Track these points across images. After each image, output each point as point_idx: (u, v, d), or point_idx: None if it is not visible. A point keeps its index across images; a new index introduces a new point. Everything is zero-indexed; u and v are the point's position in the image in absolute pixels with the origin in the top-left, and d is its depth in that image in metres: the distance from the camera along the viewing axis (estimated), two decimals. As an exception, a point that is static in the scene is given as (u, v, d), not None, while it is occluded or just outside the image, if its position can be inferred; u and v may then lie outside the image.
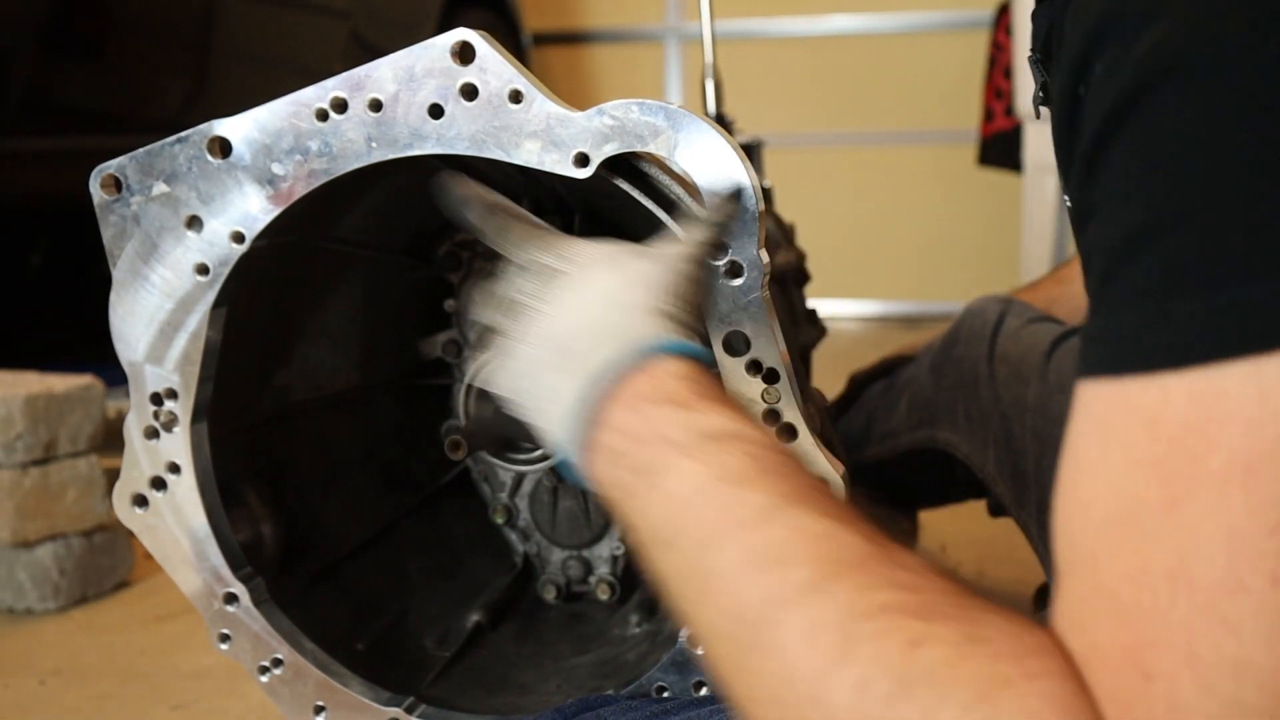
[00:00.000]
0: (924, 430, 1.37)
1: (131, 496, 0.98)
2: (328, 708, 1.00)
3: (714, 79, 1.62)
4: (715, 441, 0.59)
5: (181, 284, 0.92)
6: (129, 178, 0.91)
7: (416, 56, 0.84)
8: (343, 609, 1.09)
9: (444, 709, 1.01)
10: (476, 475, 1.23)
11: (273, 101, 0.88)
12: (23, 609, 1.66)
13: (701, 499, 0.57)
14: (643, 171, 0.88)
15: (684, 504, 0.58)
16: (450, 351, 1.17)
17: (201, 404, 0.95)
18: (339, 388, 1.17)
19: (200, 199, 0.90)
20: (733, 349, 0.84)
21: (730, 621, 0.53)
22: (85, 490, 1.69)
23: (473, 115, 0.84)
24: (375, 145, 0.86)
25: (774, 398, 0.84)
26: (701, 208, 0.78)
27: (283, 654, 1.00)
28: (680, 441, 0.59)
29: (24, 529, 1.62)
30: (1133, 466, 0.45)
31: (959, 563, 1.75)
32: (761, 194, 0.83)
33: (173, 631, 1.58)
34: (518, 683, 1.07)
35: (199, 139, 0.89)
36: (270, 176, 0.88)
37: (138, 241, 0.92)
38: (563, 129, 0.83)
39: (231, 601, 0.99)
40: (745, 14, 4.98)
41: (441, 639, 1.13)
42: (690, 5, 5.14)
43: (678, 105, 0.82)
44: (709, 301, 0.78)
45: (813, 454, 0.85)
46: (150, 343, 0.93)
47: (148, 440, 0.96)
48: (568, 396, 0.65)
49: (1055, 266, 1.50)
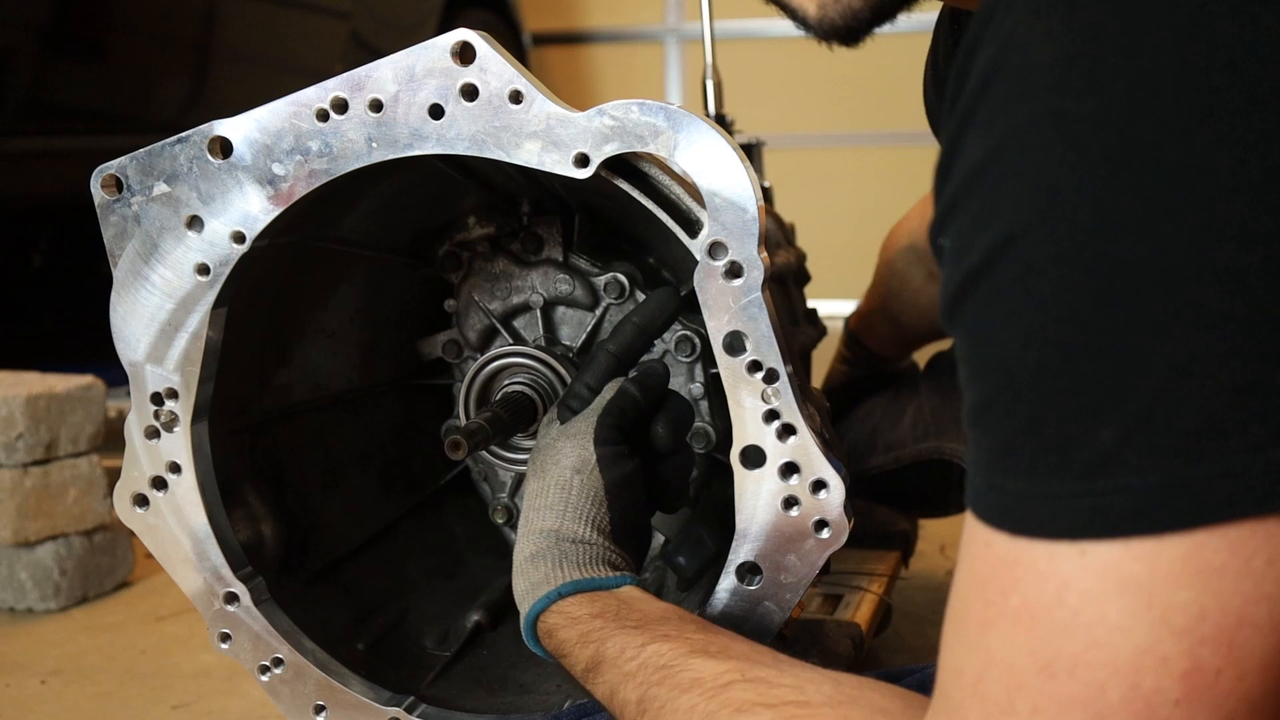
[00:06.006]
0: (930, 440, 1.37)
1: (132, 496, 0.98)
2: (328, 707, 1.00)
3: (714, 79, 1.62)
4: (591, 673, 0.79)
5: (182, 284, 0.92)
6: (130, 178, 0.91)
7: (417, 57, 0.84)
8: (343, 609, 1.10)
9: (444, 709, 1.01)
10: (476, 475, 1.23)
11: (273, 102, 0.88)
12: (24, 608, 1.66)
13: (612, 712, 0.78)
14: (643, 172, 0.88)
15: (608, 710, 0.79)
16: (450, 351, 1.17)
17: (202, 404, 0.95)
18: (339, 388, 1.17)
19: (201, 199, 0.90)
20: (733, 349, 0.84)
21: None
22: (86, 490, 1.70)
23: (473, 115, 0.84)
24: (375, 145, 0.86)
25: (774, 397, 0.84)
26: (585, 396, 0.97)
27: (283, 653, 1.00)
28: (578, 679, 0.82)
29: (25, 529, 1.62)
30: (969, 577, 0.55)
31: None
32: (761, 194, 0.83)
33: (173, 631, 1.58)
34: (518, 682, 1.07)
35: (200, 139, 0.89)
36: (271, 177, 0.89)
37: (138, 241, 0.92)
38: (563, 129, 0.83)
39: (232, 601, 0.99)
40: (745, 14, 4.97)
41: (441, 639, 1.13)
42: (690, 5, 5.14)
43: (678, 106, 0.83)
44: (624, 483, 0.92)
45: (813, 453, 0.85)
46: (151, 343, 0.93)
47: (148, 440, 0.96)
48: (524, 630, 0.88)
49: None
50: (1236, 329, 0.48)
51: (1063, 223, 0.50)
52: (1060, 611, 0.51)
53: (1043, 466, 0.51)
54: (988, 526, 0.54)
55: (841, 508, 0.86)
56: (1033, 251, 0.51)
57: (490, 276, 1.13)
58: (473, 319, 1.15)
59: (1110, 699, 0.50)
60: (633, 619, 0.80)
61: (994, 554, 0.54)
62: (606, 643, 0.79)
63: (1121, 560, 0.50)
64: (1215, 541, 0.49)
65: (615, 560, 0.88)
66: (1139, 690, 0.49)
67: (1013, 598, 0.52)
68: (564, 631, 0.83)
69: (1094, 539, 0.50)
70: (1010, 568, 0.53)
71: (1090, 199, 0.50)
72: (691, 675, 0.71)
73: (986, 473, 0.54)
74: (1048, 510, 0.51)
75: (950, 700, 0.55)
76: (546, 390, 1.07)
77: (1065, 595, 0.51)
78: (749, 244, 0.82)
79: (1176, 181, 0.48)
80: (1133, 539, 0.49)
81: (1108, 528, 0.50)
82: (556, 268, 1.11)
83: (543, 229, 1.11)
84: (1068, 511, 0.51)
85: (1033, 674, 0.51)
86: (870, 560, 1.33)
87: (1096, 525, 0.50)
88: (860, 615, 1.18)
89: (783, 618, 0.89)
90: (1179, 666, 0.49)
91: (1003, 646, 0.53)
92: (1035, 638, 0.51)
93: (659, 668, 0.74)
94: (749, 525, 0.87)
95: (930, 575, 1.70)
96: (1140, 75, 0.49)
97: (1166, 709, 0.49)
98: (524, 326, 1.14)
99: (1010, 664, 0.52)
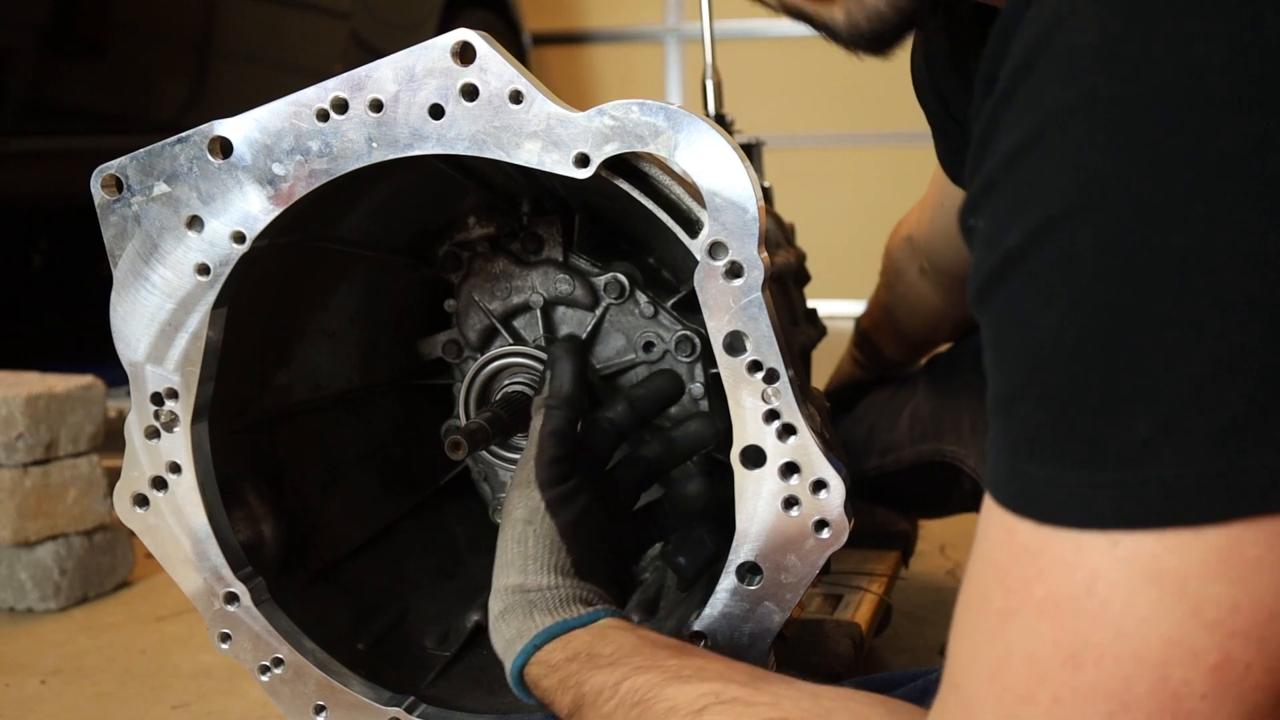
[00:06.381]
0: (929, 442, 1.37)
1: (132, 496, 0.98)
2: (328, 707, 1.00)
3: (714, 79, 1.62)
4: (577, 718, 0.78)
5: (182, 284, 0.92)
6: (130, 178, 0.91)
7: (417, 57, 0.84)
8: (343, 609, 1.10)
9: (444, 709, 1.01)
10: (476, 475, 1.23)
11: (273, 102, 0.88)
12: (24, 609, 1.66)
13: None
14: (643, 172, 0.88)
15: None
16: (450, 351, 1.17)
17: (202, 404, 0.95)
18: (339, 388, 1.17)
19: (201, 199, 0.90)
20: (733, 349, 0.84)
21: None
22: (86, 490, 1.70)
23: (473, 115, 0.84)
24: (376, 145, 0.86)
25: (774, 397, 0.84)
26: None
27: (283, 654, 1.00)
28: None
29: (25, 529, 1.62)
30: (988, 565, 0.54)
31: (958, 563, 1.75)
32: (762, 194, 0.83)
33: (173, 631, 1.58)
34: (518, 682, 1.07)
35: (200, 139, 0.89)
36: (271, 177, 0.89)
37: (139, 242, 0.92)
38: (563, 129, 0.83)
39: (232, 601, 0.99)
40: (745, 14, 4.97)
41: (441, 639, 1.13)
42: (690, 5, 5.14)
43: (678, 106, 0.83)
44: (583, 516, 0.91)
45: (813, 453, 0.85)
46: (151, 343, 0.93)
47: (148, 440, 0.96)
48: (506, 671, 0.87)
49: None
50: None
51: (1105, 208, 0.49)
52: (1088, 602, 0.50)
53: (1074, 455, 0.51)
54: (1011, 514, 0.53)
55: (842, 508, 0.86)
56: (1072, 236, 0.50)
57: (490, 276, 1.13)
58: (473, 319, 1.15)
59: (1136, 691, 0.49)
60: (606, 657, 0.79)
61: (1017, 542, 0.53)
62: (584, 686, 0.78)
63: (1154, 552, 0.49)
64: (1251, 535, 0.48)
65: (586, 596, 0.87)
66: (1167, 682, 0.49)
67: (1037, 587, 0.52)
68: (545, 681, 0.82)
69: (1126, 529, 0.49)
70: (1035, 556, 0.52)
71: (1134, 185, 0.49)
72: (667, 705, 0.71)
73: (1010, 459, 0.53)
74: (1078, 499, 0.51)
75: (963, 690, 0.55)
76: (546, 390, 1.07)
77: (1094, 585, 0.50)
78: (749, 244, 0.82)
79: (1222, 170, 0.48)
80: (1167, 530, 0.49)
81: (1141, 519, 0.49)
82: (556, 268, 1.11)
83: (543, 229, 1.11)
84: (1099, 501, 0.50)
85: (1057, 664, 0.51)
86: (870, 560, 1.33)
87: (1129, 516, 0.49)
88: (860, 615, 1.18)
89: (783, 618, 0.89)
90: (1209, 660, 0.49)
91: (1025, 636, 0.52)
92: (1060, 628, 0.51)
93: (634, 704, 0.73)
94: (749, 525, 0.87)
95: (930, 575, 1.70)
96: (1188, 60, 0.48)
97: (1193, 702, 0.49)
98: (524, 326, 1.14)
99: (1032, 654, 0.52)
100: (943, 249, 1.37)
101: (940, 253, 1.38)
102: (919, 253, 1.45)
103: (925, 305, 1.48)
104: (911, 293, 1.49)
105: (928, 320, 1.51)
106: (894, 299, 1.53)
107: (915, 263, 1.47)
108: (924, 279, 1.46)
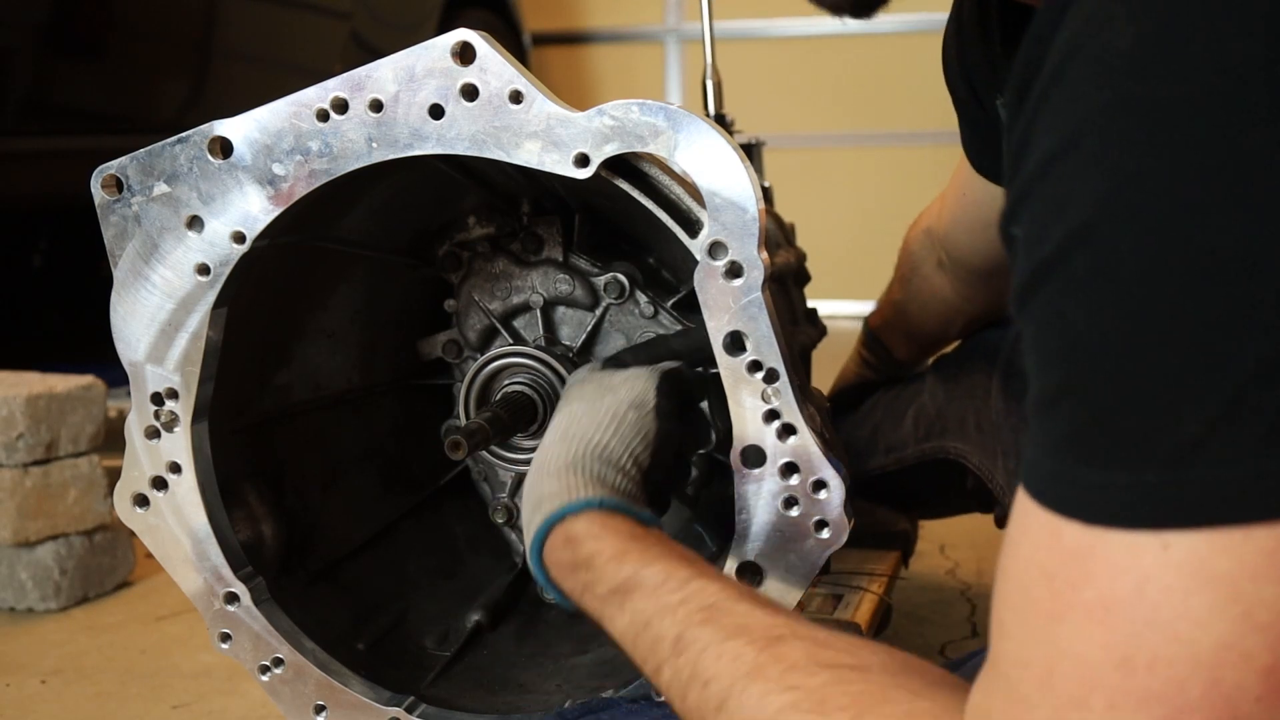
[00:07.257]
0: (933, 441, 1.37)
1: (132, 496, 0.98)
2: (328, 707, 1.00)
3: (714, 79, 1.62)
4: (618, 596, 0.74)
5: (182, 284, 0.92)
6: (130, 178, 0.91)
7: (417, 57, 0.84)
8: (343, 609, 1.10)
9: (444, 709, 1.01)
10: (476, 475, 1.23)
11: (273, 102, 0.88)
12: (24, 608, 1.66)
13: (629, 644, 0.73)
14: (643, 172, 0.88)
15: (622, 642, 0.74)
16: (450, 351, 1.17)
17: (202, 404, 0.95)
18: (339, 388, 1.17)
19: (201, 199, 0.90)
20: (733, 349, 0.84)
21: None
22: (86, 490, 1.69)
23: (473, 115, 0.84)
24: (376, 145, 0.86)
25: (774, 397, 0.84)
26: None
27: (283, 653, 1.00)
28: (594, 601, 0.76)
29: (25, 529, 1.62)
30: (1033, 567, 0.53)
31: (957, 563, 1.75)
32: (761, 194, 0.83)
33: (173, 631, 1.58)
34: (518, 682, 1.08)
35: (200, 139, 0.89)
36: (271, 177, 0.89)
37: (139, 242, 0.92)
38: (563, 129, 0.83)
39: (232, 601, 0.99)
40: (745, 14, 4.98)
41: (441, 639, 1.13)
42: (690, 5, 5.14)
43: (678, 106, 0.83)
44: (668, 438, 0.89)
45: (813, 453, 0.85)
46: (151, 343, 0.93)
47: (148, 440, 0.96)
48: (529, 538, 0.83)
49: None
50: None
51: (1145, 211, 0.49)
52: (1140, 605, 0.50)
53: (1121, 456, 0.50)
54: (1056, 515, 0.52)
55: (841, 508, 0.86)
56: (1113, 240, 0.50)
57: (490, 276, 1.13)
58: (473, 319, 1.15)
59: (1190, 695, 0.49)
60: (678, 554, 0.74)
61: (1063, 544, 0.52)
62: (649, 566, 0.73)
63: (1206, 553, 0.49)
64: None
65: (645, 508, 0.83)
66: (1220, 686, 0.49)
67: (1086, 590, 0.51)
68: (595, 542, 0.77)
69: (1177, 529, 0.49)
70: (1082, 559, 0.51)
71: (1173, 187, 0.49)
72: (739, 621, 0.67)
73: (1055, 461, 0.53)
74: (1127, 500, 0.50)
75: (1018, 693, 0.54)
76: (546, 390, 1.07)
77: (1145, 588, 0.50)
78: (749, 244, 0.82)
79: (1262, 170, 0.48)
80: (1218, 530, 0.48)
81: (1191, 518, 0.49)
82: (556, 268, 1.11)
83: (543, 229, 1.11)
84: (1149, 502, 0.50)
85: (1109, 669, 0.50)
86: (870, 560, 1.33)
87: (1180, 516, 0.49)
88: (860, 615, 1.18)
89: (783, 618, 0.89)
90: (1262, 662, 0.48)
91: (1075, 640, 0.51)
92: (1111, 631, 0.50)
93: (703, 606, 0.69)
94: (749, 525, 0.87)
95: (930, 575, 1.70)
96: (1224, 61, 0.48)
97: (1248, 705, 0.49)
98: (524, 326, 1.14)
99: (1083, 658, 0.51)
100: (962, 240, 1.37)
101: (959, 244, 1.38)
102: (937, 245, 1.45)
103: (939, 299, 1.48)
104: (926, 286, 1.49)
105: (941, 316, 1.50)
106: (908, 294, 1.52)
107: (933, 255, 1.47)
108: (940, 272, 1.46)
